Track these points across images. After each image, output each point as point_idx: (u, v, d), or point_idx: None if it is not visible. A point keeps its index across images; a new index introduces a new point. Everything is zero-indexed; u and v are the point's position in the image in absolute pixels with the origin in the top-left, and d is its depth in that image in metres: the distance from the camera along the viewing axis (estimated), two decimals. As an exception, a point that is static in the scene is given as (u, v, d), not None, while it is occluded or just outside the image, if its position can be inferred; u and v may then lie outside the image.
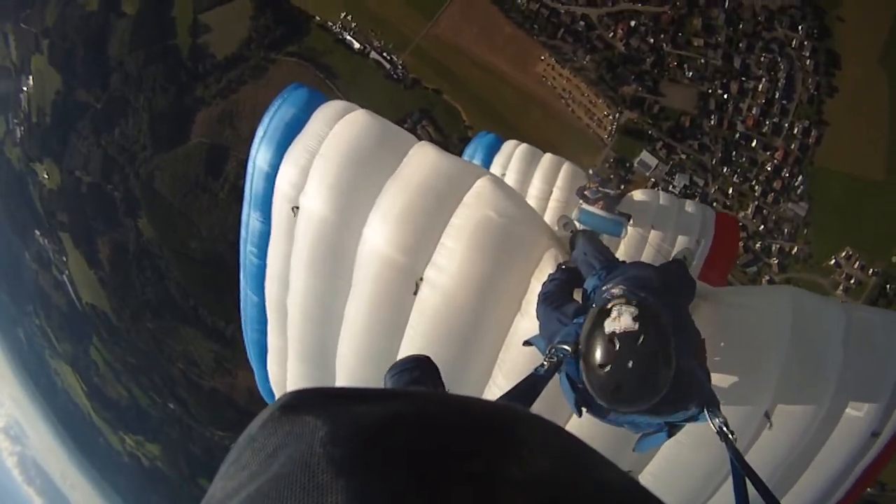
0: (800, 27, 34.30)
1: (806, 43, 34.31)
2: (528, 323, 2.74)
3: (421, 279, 2.76)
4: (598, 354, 1.96)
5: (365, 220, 2.86)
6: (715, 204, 34.57)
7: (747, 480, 1.85)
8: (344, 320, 3.14)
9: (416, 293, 2.79)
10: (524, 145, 7.48)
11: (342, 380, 3.34)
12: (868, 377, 2.81)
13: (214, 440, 57.68)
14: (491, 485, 0.46)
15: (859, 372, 2.79)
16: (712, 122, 35.58)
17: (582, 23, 36.19)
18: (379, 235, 2.81)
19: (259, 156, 3.43)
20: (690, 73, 35.49)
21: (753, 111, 35.50)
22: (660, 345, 1.95)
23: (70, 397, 74.89)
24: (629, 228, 5.62)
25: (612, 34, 35.86)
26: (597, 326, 2.01)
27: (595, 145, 35.57)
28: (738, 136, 35.69)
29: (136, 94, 48.36)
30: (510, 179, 7.01)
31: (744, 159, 35.27)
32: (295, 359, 3.73)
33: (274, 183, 3.32)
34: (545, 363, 2.14)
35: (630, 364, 1.91)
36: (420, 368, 1.95)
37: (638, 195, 6.25)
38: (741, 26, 34.86)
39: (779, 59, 35.00)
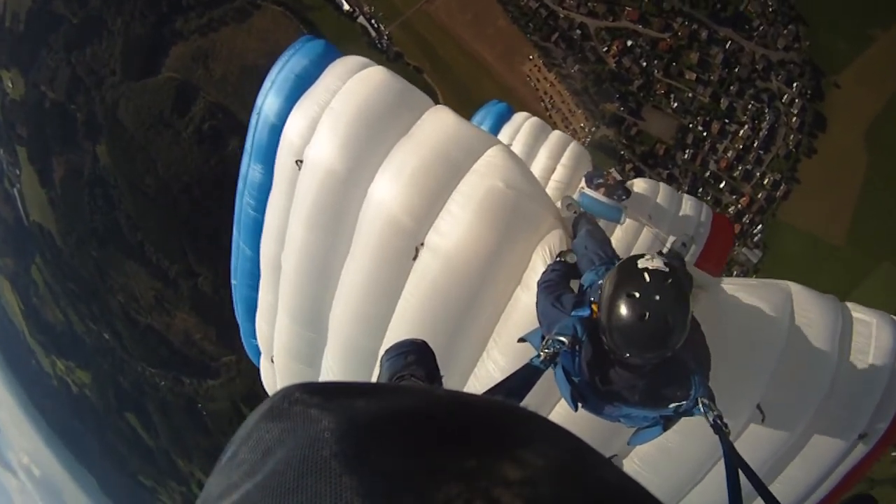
0: (795, 84, 34.09)
1: (797, 101, 34.13)
2: (527, 297, 2.72)
3: (422, 244, 2.72)
4: (630, 284, 2.01)
5: (372, 177, 2.80)
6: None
7: (740, 473, 1.87)
8: (340, 280, 3.08)
9: (415, 258, 2.75)
10: (534, 118, 7.34)
11: (333, 340, 3.26)
12: (859, 377, 2.85)
13: (145, 375, 56.75)
14: (484, 483, 0.46)
15: (851, 371, 2.84)
16: (686, 156, 35.30)
17: (579, 31, 35.42)
18: (386, 194, 2.75)
19: (266, 106, 3.33)
20: (675, 104, 35.12)
21: (729, 154, 35.30)
22: (686, 289, 2.03)
23: (6, 313, 72.84)
24: (626, 217, 5.66)
25: (606, 49, 35.19)
26: (630, 263, 2.07)
27: (565, 156, 35.05)
28: (708, 174, 35.54)
29: (114, 17, 45.96)
30: (516, 150, 6.76)
31: (709, 198, 35.17)
32: (286, 316, 3.57)
33: (279, 135, 3.23)
34: (541, 354, 2.12)
35: (657, 297, 1.97)
36: (416, 352, 2.03)
37: (639, 184, 6.20)
38: (737, 70, 34.53)
39: (766, 110, 34.75)
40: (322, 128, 2.97)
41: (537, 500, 0.45)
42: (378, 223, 2.78)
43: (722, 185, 35.23)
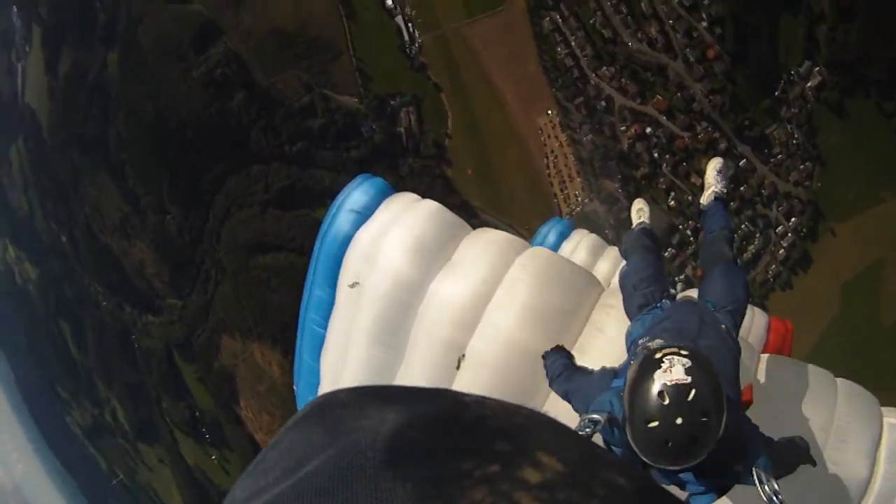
0: (793, 219, 34.00)
1: (790, 235, 34.08)
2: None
3: (463, 355, 3.02)
4: (646, 409, 1.89)
5: (426, 292, 3.21)
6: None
7: None
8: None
9: (458, 368, 3.04)
10: (593, 235, 7.71)
11: None
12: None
13: (90, 291, 55.90)
14: (507, 487, 0.48)
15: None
16: (666, 254, 35.24)
17: (604, 103, 35.02)
18: (436, 311, 3.13)
19: (330, 234, 3.82)
20: (672, 203, 35.04)
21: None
22: (712, 400, 1.89)
23: (-26, 180, 71.35)
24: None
25: (623, 129, 34.86)
26: (645, 378, 1.93)
27: (550, 214, 34.83)
28: (682, 277, 35.57)
29: (163, -71, 44.81)
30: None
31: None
32: None
33: (342, 261, 3.72)
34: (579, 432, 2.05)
35: (679, 421, 1.85)
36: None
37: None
38: (742, 188, 34.28)
39: (757, 235, 34.81)
40: (385, 252, 3.40)
41: (558, 503, 0.47)
42: (426, 335, 3.16)
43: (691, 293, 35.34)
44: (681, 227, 35.33)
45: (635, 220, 3.57)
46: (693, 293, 4.66)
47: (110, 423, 59.08)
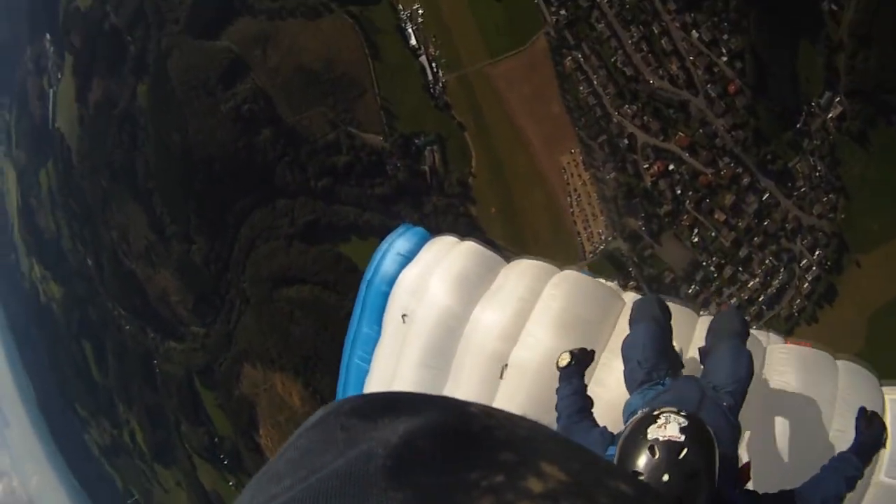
0: (817, 252, 33.64)
1: (814, 268, 33.71)
2: (604, 392, 3.27)
3: (506, 365, 3.36)
4: (635, 462, 1.86)
5: (469, 319, 3.56)
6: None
7: None
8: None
9: (501, 377, 3.39)
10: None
11: None
12: None
13: (113, 314, 56.84)
14: (511, 496, 0.49)
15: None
16: (690, 290, 35.20)
17: (626, 141, 35.16)
18: (482, 331, 3.50)
19: (377, 277, 4.17)
20: (696, 239, 34.89)
21: (732, 301, 35.18)
22: (703, 463, 1.87)
23: (3, 201, 73.16)
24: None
25: (647, 166, 34.97)
26: (639, 431, 1.93)
27: (574, 254, 35.05)
28: (706, 313, 35.40)
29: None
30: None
31: (697, 338, 35.11)
32: None
33: (387, 300, 4.07)
34: None
35: (665, 478, 1.82)
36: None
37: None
38: (766, 223, 34.19)
39: (781, 270, 34.56)
40: (432, 286, 3.77)
41: None
42: (474, 351, 3.49)
43: (714, 331, 35.22)
44: (704, 263, 35.27)
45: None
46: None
47: (128, 443, 59.67)
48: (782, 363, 3.47)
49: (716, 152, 34.46)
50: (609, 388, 3.30)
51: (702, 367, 3.19)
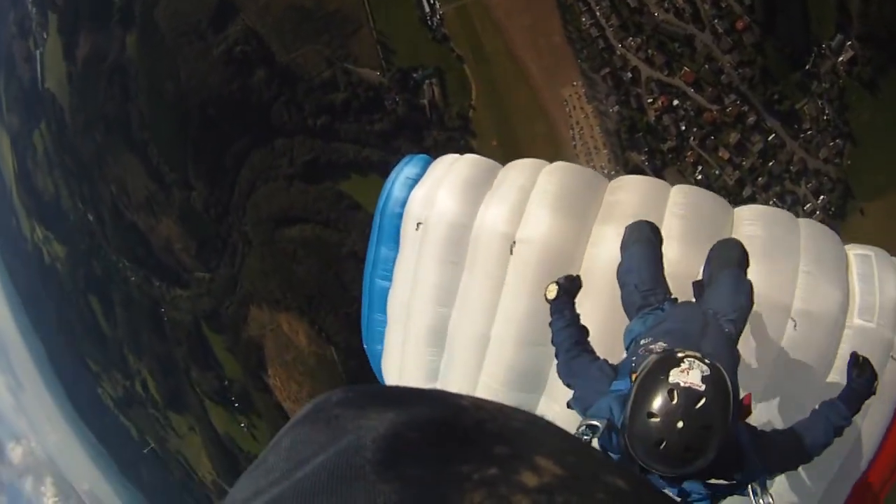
0: (822, 197, 33.15)
1: (818, 213, 32.79)
2: (604, 251, 3.64)
3: (514, 242, 3.71)
4: (651, 402, 1.84)
5: (476, 216, 3.95)
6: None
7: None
8: (459, 291, 4.09)
9: (512, 253, 3.76)
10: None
11: (457, 337, 4.17)
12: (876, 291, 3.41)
13: (118, 266, 57.64)
14: (505, 490, 0.48)
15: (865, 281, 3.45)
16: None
17: (630, 74, 34.46)
18: (488, 220, 3.89)
19: (389, 203, 4.52)
20: (699, 177, 34.23)
21: (732, 234, 35.43)
22: (719, 416, 1.85)
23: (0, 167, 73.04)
24: None
25: (651, 101, 34.38)
26: (661, 371, 1.89)
27: (573, 185, 35.50)
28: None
29: None
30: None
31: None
32: (414, 343, 4.49)
33: (401, 221, 4.45)
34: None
35: (679, 425, 1.80)
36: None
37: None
38: (771, 164, 33.65)
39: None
40: (440, 196, 4.19)
41: None
42: (485, 238, 3.89)
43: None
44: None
45: None
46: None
47: (141, 393, 61.35)
48: (749, 218, 3.76)
49: (721, 89, 33.74)
50: (600, 255, 3.62)
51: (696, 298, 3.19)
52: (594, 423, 2.10)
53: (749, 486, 2.13)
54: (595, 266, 3.60)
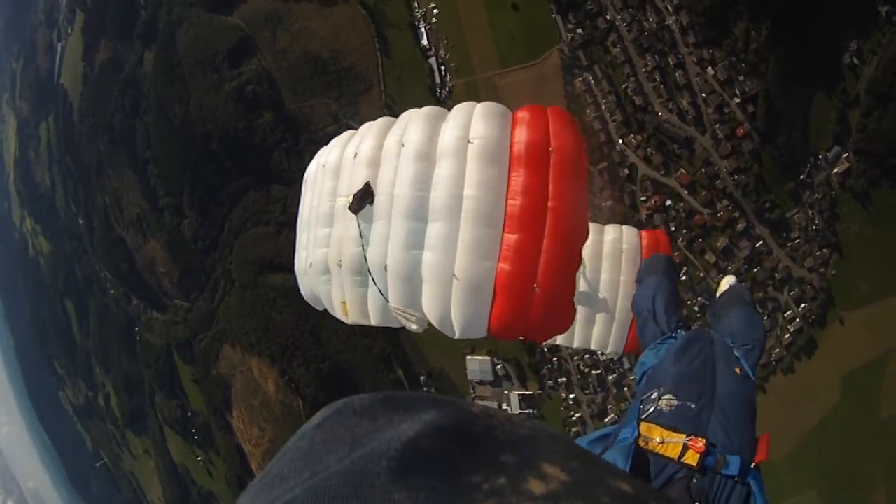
0: (803, 305, 33.49)
1: (798, 320, 33.56)
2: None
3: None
4: None
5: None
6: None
7: None
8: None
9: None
10: None
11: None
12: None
13: (100, 277, 56.65)
14: (514, 498, 0.50)
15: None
16: (670, 326, 35.16)
17: (626, 170, 34.78)
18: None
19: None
20: (683, 278, 34.19)
21: (712, 339, 35.12)
22: None
23: (1, 149, 72.59)
24: None
25: (644, 198, 34.61)
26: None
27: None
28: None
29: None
30: None
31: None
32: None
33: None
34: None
35: None
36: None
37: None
38: (756, 270, 33.97)
39: (765, 318, 34.29)
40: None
41: None
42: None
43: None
44: (689, 302, 35.15)
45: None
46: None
47: (102, 407, 59.81)
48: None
49: (715, 193, 34.06)
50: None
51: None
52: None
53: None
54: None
